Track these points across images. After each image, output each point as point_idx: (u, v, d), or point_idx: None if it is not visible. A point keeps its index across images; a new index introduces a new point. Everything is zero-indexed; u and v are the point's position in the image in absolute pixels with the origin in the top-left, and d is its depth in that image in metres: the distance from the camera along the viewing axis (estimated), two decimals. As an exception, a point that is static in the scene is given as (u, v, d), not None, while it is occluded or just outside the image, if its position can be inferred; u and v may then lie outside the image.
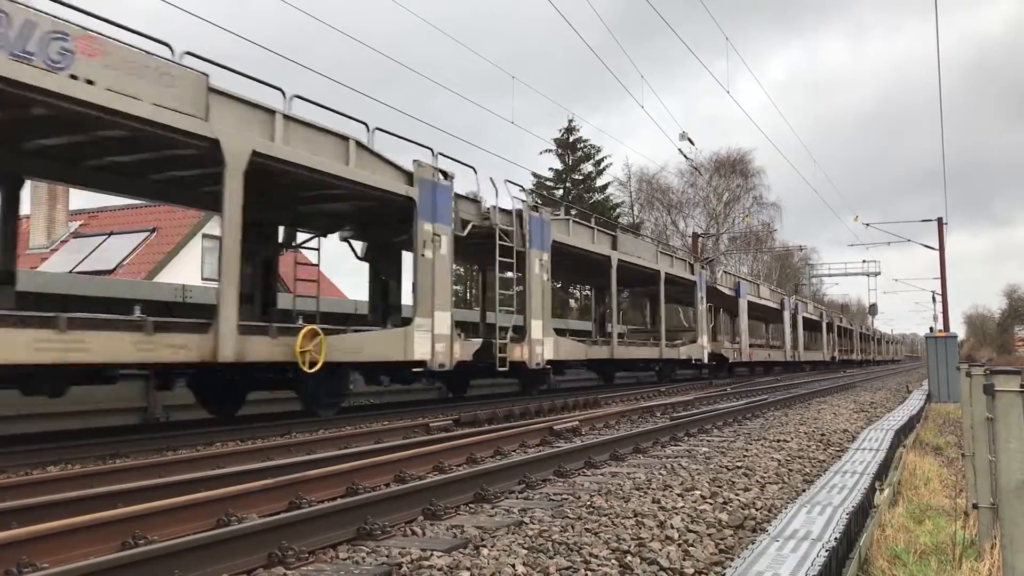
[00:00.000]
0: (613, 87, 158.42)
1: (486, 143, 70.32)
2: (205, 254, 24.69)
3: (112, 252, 24.40)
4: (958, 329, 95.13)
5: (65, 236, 26.33)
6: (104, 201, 26.71)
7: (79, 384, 9.14)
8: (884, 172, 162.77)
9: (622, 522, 4.70)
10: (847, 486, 5.53)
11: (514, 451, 8.15)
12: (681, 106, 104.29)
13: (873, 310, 66.91)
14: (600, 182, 51.01)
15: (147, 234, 25.14)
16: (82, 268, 22.83)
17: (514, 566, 3.80)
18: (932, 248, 35.72)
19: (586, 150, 50.13)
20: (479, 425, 10.61)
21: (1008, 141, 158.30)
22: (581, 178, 50.26)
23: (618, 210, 52.03)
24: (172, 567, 3.39)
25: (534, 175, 47.42)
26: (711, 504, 5.26)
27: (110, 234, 25.50)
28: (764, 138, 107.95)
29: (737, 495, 5.59)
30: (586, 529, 4.54)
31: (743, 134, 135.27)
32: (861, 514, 4.92)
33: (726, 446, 8.54)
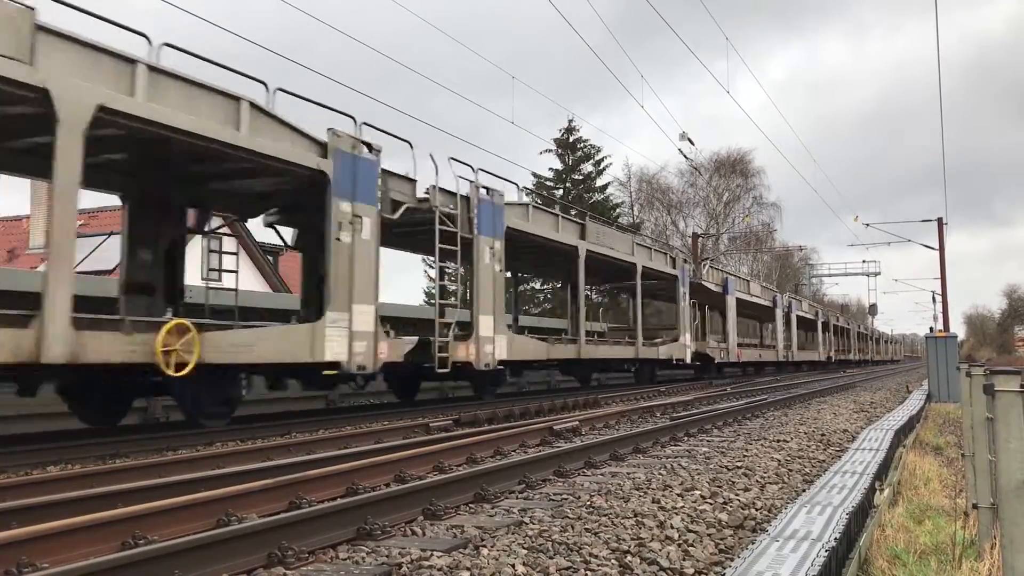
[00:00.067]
0: (613, 87, 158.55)
1: (486, 143, 70.39)
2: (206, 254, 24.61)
3: (112, 252, 24.38)
4: (958, 329, 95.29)
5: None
6: (104, 201, 26.66)
7: None
8: (884, 172, 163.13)
9: (622, 522, 4.71)
10: (847, 486, 5.54)
11: (514, 451, 8.15)
12: (681, 106, 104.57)
13: (873, 310, 67.04)
14: (600, 182, 50.99)
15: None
16: (82, 268, 22.81)
17: (514, 566, 3.80)
18: (932, 248, 35.70)
19: (586, 150, 50.11)
20: (479, 425, 10.62)
21: (1008, 141, 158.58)
22: (581, 178, 50.22)
23: (618, 210, 52.04)
24: (172, 567, 3.40)
25: (534, 175, 47.43)
26: (711, 504, 5.26)
27: (110, 234, 25.47)
28: (764, 138, 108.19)
29: (737, 495, 5.59)
30: (586, 529, 4.55)
31: (743, 134, 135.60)
32: (861, 514, 4.92)
33: (726, 446, 8.54)
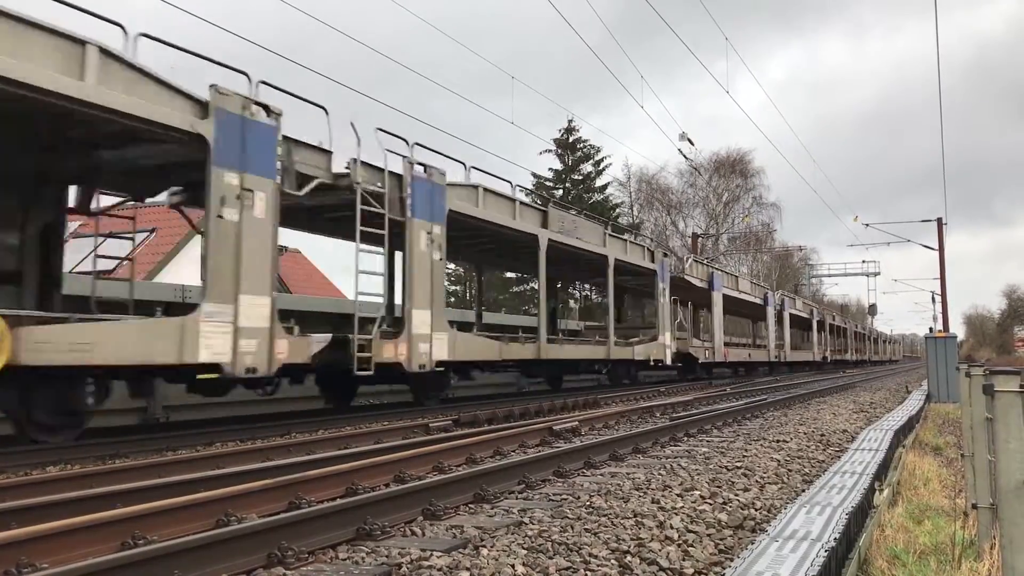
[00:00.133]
0: (613, 87, 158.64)
1: (486, 143, 70.21)
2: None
3: (112, 252, 24.39)
4: (957, 329, 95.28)
5: (65, 236, 26.30)
6: (104, 201, 26.72)
7: None
8: (884, 172, 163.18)
9: (621, 522, 4.71)
10: (846, 486, 5.54)
11: (514, 451, 8.15)
12: (681, 106, 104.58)
13: (872, 310, 67.15)
14: (600, 182, 51.07)
15: (146, 234, 25.11)
16: (81, 268, 22.81)
17: (514, 566, 3.80)
18: (932, 248, 35.78)
19: (586, 150, 50.16)
20: (479, 425, 10.62)
21: (1008, 141, 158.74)
22: (581, 178, 50.26)
23: (618, 210, 52.08)
24: (172, 567, 3.40)
25: (534, 175, 47.53)
26: (711, 504, 5.26)
27: (110, 234, 25.48)
28: (764, 138, 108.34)
29: (737, 495, 5.59)
30: (586, 529, 4.55)
31: (743, 134, 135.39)
32: (860, 514, 4.92)
33: (726, 446, 8.54)
